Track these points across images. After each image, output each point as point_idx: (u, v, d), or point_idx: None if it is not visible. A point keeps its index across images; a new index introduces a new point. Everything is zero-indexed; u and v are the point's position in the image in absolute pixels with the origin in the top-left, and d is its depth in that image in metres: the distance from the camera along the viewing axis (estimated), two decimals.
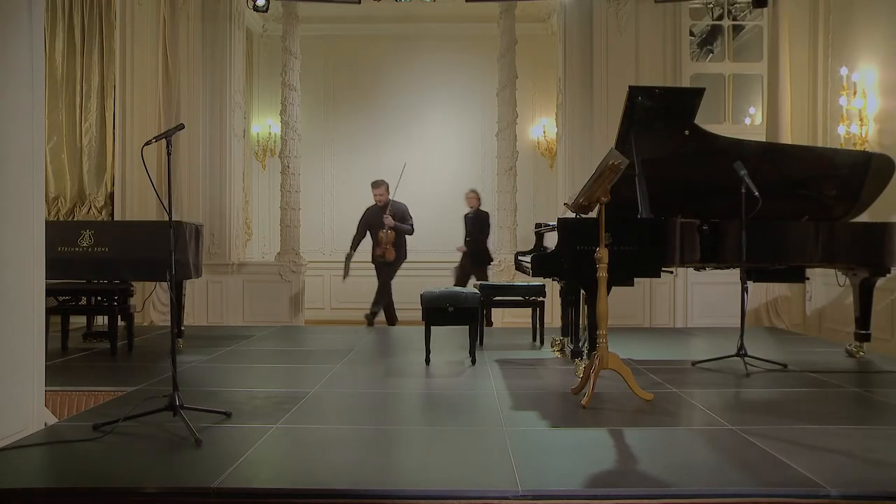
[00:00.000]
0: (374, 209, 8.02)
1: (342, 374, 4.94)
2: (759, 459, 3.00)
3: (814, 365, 5.25)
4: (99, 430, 3.38)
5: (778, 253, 5.17)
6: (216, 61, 8.24)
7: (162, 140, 3.58)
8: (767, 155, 5.40)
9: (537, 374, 5.03)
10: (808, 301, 7.69)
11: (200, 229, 6.41)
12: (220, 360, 5.54)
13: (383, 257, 7.87)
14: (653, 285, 7.79)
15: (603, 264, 4.04)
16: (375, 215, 7.97)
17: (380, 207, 7.95)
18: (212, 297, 8.19)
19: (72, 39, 8.17)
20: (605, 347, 4.04)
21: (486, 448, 3.21)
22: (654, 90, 4.97)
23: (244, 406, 3.94)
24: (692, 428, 3.59)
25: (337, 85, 10.32)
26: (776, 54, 7.57)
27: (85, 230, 5.68)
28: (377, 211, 7.97)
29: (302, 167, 8.59)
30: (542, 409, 3.94)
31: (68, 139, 8.17)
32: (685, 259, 4.98)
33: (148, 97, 7.92)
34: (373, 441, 3.37)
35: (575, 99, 8.03)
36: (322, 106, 10.31)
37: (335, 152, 10.35)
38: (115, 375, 4.88)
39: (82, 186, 8.18)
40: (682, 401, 4.16)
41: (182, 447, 3.17)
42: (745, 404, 4.14)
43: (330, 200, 10.34)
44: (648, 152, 4.96)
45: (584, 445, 3.24)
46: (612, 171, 3.87)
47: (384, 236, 7.84)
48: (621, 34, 7.89)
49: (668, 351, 6.08)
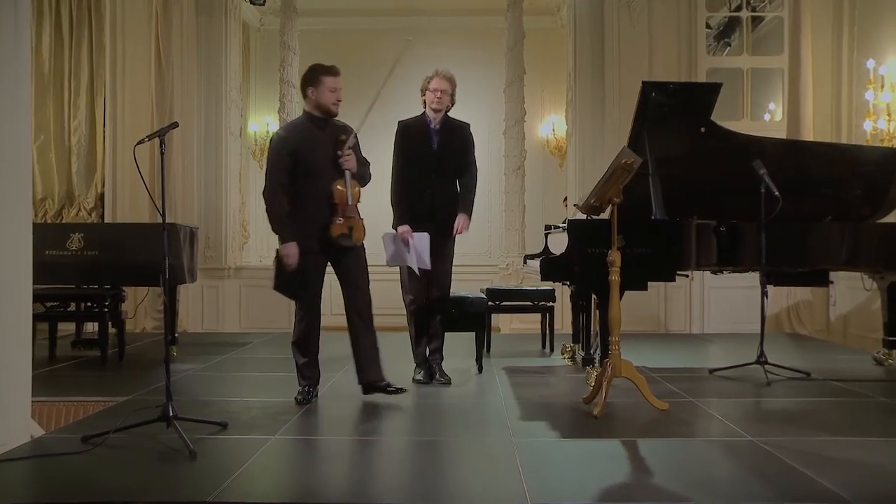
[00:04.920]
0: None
1: (343, 382, 4.92)
2: (782, 473, 2.98)
3: (839, 373, 5.22)
4: (88, 443, 3.36)
5: (799, 255, 5.14)
6: (211, 57, 8.25)
7: (155, 139, 3.57)
8: (788, 152, 5.38)
9: (547, 383, 5.01)
10: (831, 306, 7.65)
11: (195, 232, 6.42)
12: (215, 369, 5.54)
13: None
14: (668, 289, 7.75)
15: (615, 268, 4.02)
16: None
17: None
18: (207, 302, 8.18)
19: (59, 34, 8.18)
20: (617, 354, 4.02)
21: (493, 460, 3.20)
22: (668, 85, 4.95)
23: (241, 417, 3.93)
24: (710, 439, 3.57)
25: None
26: (797, 46, 7.53)
27: (74, 233, 5.69)
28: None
29: None
30: (551, 419, 3.92)
31: (56, 138, 8.18)
32: (702, 262, 4.96)
33: (140, 94, 7.93)
34: (374, 453, 3.36)
35: (585, 95, 8.01)
36: None
37: None
38: (106, 385, 4.87)
39: (71, 187, 8.20)
40: (700, 411, 4.13)
41: (176, 460, 3.16)
42: (765, 415, 4.12)
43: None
44: (663, 150, 4.94)
45: (596, 457, 3.22)
46: (624, 170, 3.86)
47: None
48: (634, 27, 7.88)
49: (684, 358, 6.06)
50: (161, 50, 7.83)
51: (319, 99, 4.31)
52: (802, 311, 7.63)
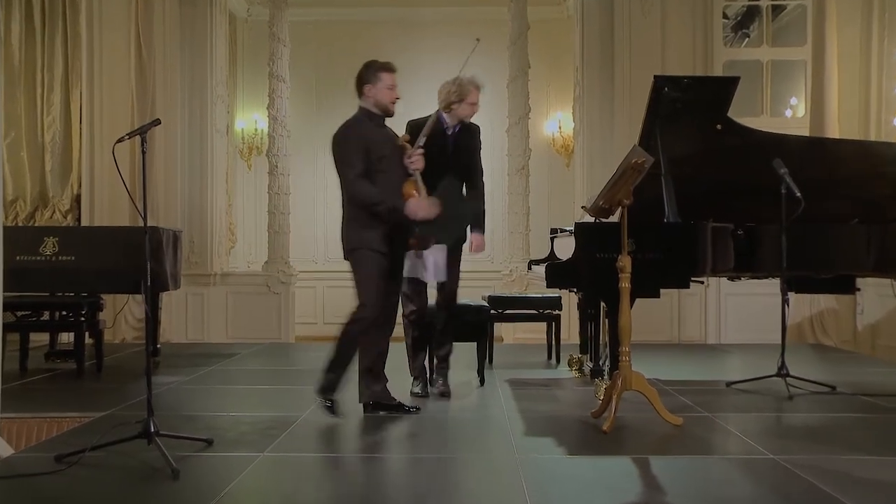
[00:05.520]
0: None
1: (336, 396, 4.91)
2: (805, 494, 2.97)
3: (867, 387, 5.22)
4: (62, 462, 3.35)
5: (823, 260, 5.14)
6: (196, 49, 8.27)
7: (136, 136, 3.58)
8: (811, 150, 5.39)
9: (553, 396, 5.01)
10: (859, 315, 7.64)
11: (179, 236, 6.42)
12: (200, 382, 5.54)
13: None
14: (681, 297, 7.76)
15: (625, 274, 4.03)
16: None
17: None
18: (191, 310, 8.19)
19: (31, 22, 8.15)
20: (628, 366, 4.03)
21: (496, 478, 3.20)
22: (682, 80, 4.96)
23: (227, 433, 3.93)
24: (727, 457, 3.57)
25: (330, 75, 10.32)
26: (822, 36, 7.53)
27: (48, 237, 5.70)
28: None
29: (292, 167, 8.60)
30: (558, 434, 3.92)
31: (28, 135, 8.17)
32: (718, 267, 4.96)
33: (119, 88, 7.95)
34: (370, 471, 3.36)
35: (594, 90, 8.04)
36: (314, 99, 10.32)
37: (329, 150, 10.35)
38: (82, 399, 4.87)
39: (44, 188, 8.19)
40: (716, 426, 4.14)
41: (157, 479, 3.16)
42: (787, 431, 4.12)
43: (323, 204, 10.33)
44: (676, 149, 4.95)
45: (606, 476, 3.22)
46: (635, 170, 3.87)
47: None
48: (645, 17, 7.89)
49: (699, 370, 6.07)
50: (142, 41, 7.84)
51: (378, 97, 4.38)
52: (827, 320, 7.63)
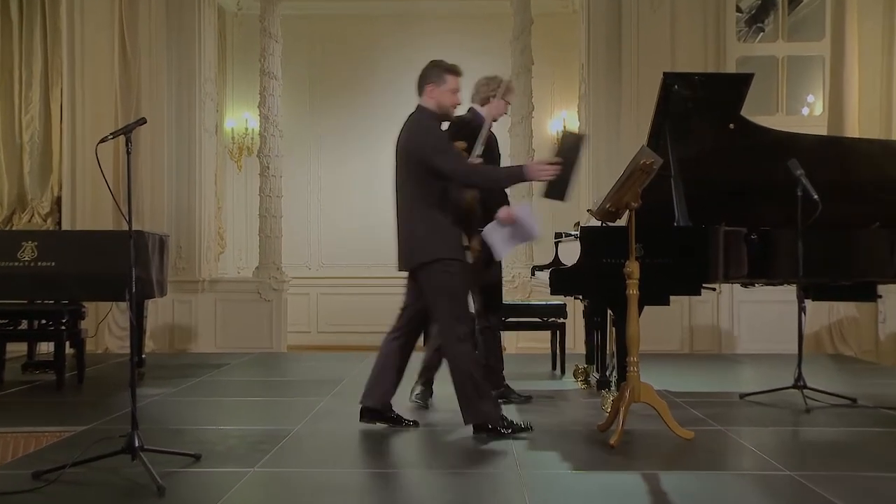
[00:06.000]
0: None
1: (330, 408, 4.94)
2: None
3: (889, 400, 5.22)
4: (41, 479, 3.34)
5: (842, 266, 5.15)
6: (183, 44, 8.27)
7: (120, 136, 3.59)
8: (829, 151, 5.41)
9: (558, 409, 5.02)
10: (881, 323, 7.64)
11: (165, 240, 6.44)
12: (187, 394, 5.55)
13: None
14: (692, 304, 7.76)
15: (633, 280, 4.04)
16: None
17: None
18: (178, 319, 8.19)
19: (6, 15, 8.16)
20: (636, 377, 4.03)
21: (498, 495, 3.20)
22: (692, 77, 5.00)
23: (216, 447, 3.94)
24: (741, 473, 3.58)
25: (324, 73, 10.36)
26: (841, 31, 7.54)
27: (26, 241, 5.70)
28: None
29: (284, 168, 8.61)
30: (563, 449, 3.93)
31: (5, 134, 8.19)
32: (730, 274, 4.97)
33: (102, 86, 7.97)
34: (366, 488, 3.37)
35: (600, 88, 8.05)
36: (307, 97, 10.34)
37: (323, 151, 10.38)
38: (62, 413, 4.88)
39: (23, 190, 8.20)
40: (729, 440, 4.15)
41: (142, 496, 3.17)
42: (804, 446, 4.12)
43: (316, 207, 10.36)
44: (686, 150, 4.97)
45: (613, 492, 3.24)
46: (643, 171, 3.88)
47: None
48: (654, 12, 7.91)
49: (710, 381, 6.07)
50: (126, 35, 7.86)
51: (441, 99, 4.32)
52: (847, 330, 7.63)
